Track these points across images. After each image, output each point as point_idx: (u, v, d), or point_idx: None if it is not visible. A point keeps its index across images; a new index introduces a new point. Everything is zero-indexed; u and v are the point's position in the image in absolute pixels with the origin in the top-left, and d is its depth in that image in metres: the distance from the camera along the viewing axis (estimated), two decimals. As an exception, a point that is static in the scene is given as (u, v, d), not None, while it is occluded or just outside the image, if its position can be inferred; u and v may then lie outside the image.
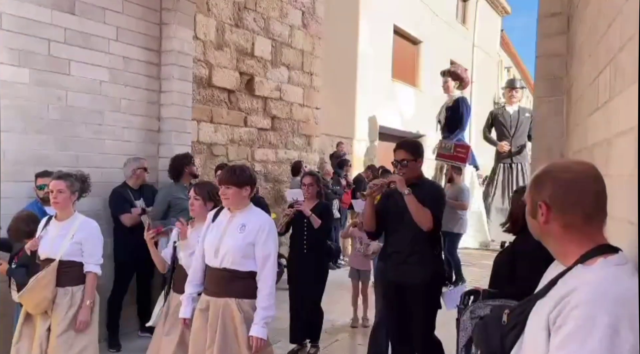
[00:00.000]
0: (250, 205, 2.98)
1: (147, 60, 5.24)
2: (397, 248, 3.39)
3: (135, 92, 5.14)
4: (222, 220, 2.95)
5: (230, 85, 6.92)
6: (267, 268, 2.82)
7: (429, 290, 3.33)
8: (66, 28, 4.51)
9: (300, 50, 8.28)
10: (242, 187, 2.88)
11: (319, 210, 4.52)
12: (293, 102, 8.17)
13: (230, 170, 2.95)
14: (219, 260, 2.84)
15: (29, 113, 4.28)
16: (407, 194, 3.17)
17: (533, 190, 1.31)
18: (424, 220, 3.19)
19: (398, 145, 3.43)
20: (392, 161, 3.43)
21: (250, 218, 2.90)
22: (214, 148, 6.76)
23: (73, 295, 3.24)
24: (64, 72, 4.52)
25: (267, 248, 2.83)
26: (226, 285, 2.82)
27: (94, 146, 4.79)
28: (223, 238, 2.86)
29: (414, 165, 3.36)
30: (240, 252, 2.81)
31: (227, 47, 6.85)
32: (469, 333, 2.53)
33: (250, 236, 2.82)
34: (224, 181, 2.88)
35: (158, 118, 5.40)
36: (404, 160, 3.33)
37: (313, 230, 4.44)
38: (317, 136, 8.94)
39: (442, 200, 3.47)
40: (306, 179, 4.66)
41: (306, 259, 4.48)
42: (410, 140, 3.73)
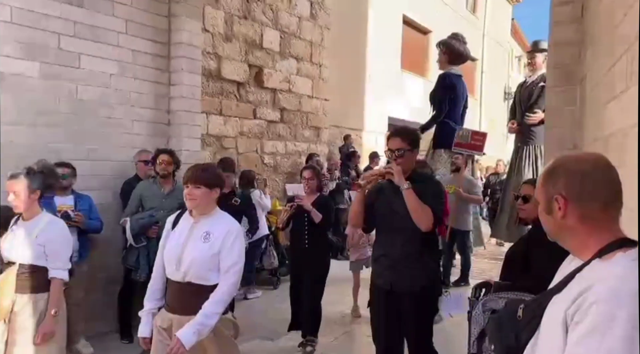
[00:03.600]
0: (216, 210, 2.63)
1: (156, 53, 5.24)
2: (387, 250, 3.03)
3: (144, 85, 5.14)
4: (184, 227, 2.60)
5: (239, 77, 6.91)
6: (229, 280, 2.50)
7: (424, 297, 3.01)
8: (75, 21, 4.51)
9: (309, 42, 8.23)
10: (213, 188, 2.55)
11: (319, 204, 4.39)
12: (302, 94, 8.14)
13: (200, 168, 2.62)
14: (181, 273, 2.51)
15: (39, 107, 4.30)
16: (406, 188, 2.85)
17: (546, 185, 1.28)
18: (424, 218, 2.85)
19: (393, 132, 3.10)
20: (385, 150, 3.09)
21: (215, 224, 2.56)
22: (223, 140, 6.76)
23: (36, 303, 2.88)
24: (74, 65, 4.53)
25: (232, 255, 2.51)
26: (191, 300, 2.48)
27: (104, 139, 4.81)
28: (185, 249, 2.52)
29: (411, 155, 2.99)
30: (205, 265, 2.49)
31: (235, 39, 6.82)
32: (481, 326, 2.52)
33: (215, 246, 2.50)
34: (193, 180, 2.51)
35: (167, 111, 5.40)
36: (400, 150, 2.95)
37: (314, 225, 4.33)
38: (326, 128, 8.91)
39: (443, 196, 3.14)
40: (306, 173, 4.52)
41: (307, 254, 4.39)
42: (406, 128, 3.31)
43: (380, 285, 3.08)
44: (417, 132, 3.21)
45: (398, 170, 2.87)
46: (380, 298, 3.10)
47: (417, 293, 2.96)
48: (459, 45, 6.53)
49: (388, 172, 2.91)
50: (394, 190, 2.94)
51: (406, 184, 2.85)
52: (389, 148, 3.01)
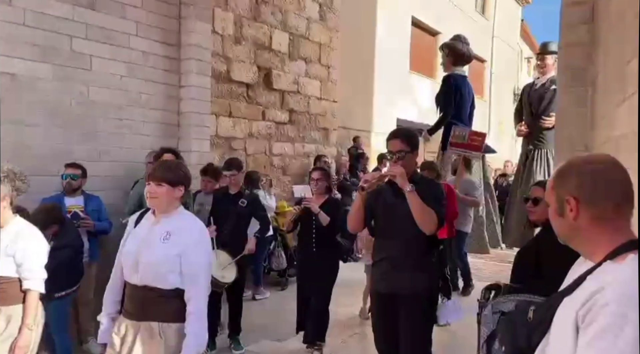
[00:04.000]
0: (179, 209, 2.45)
1: (166, 55, 5.28)
2: (387, 253, 2.97)
3: (154, 87, 5.18)
4: (144, 227, 2.44)
5: (248, 79, 6.94)
6: (198, 285, 2.33)
7: (424, 302, 2.95)
8: (87, 23, 4.57)
9: (318, 43, 8.24)
10: (176, 186, 2.37)
11: (328, 206, 4.29)
12: (310, 96, 8.15)
13: (164, 164, 2.49)
14: (138, 275, 2.33)
15: (52, 108, 4.35)
16: (409, 191, 2.77)
17: (557, 187, 1.28)
18: (428, 222, 2.80)
19: (392, 134, 3.02)
20: (385, 152, 3.04)
21: (177, 224, 2.38)
22: (232, 142, 6.79)
23: (9, 317, 2.72)
24: (86, 67, 4.59)
25: (197, 261, 2.33)
26: (148, 305, 2.31)
27: (115, 140, 4.85)
28: (143, 249, 2.34)
29: (411, 157, 2.95)
30: (163, 266, 2.30)
31: (245, 41, 6.85)
32: (491, 328, 2.50)
33: (176, 247, 2.31)
34: (156, 177, 2.34)
35: (177, 112, 5.44)
36: (401, 152, 2.89)
37: (322, 227, 4.22)
38: (335, 129, 8.92)
39: (444, 198, 3.06)
40: (314, 174, 4.43)
41: (315, 257, 4.29)
42: (405, 129, 3.25)
43: (381, 290, 3.02)
44: (416, 134, 3.14)
45: (402, 172, 2.79)
46: (380, 303, 3.05)
47: (416, 298, 2.90)
48: (462, 47, 6.54)
49: (390, 174, 2.82)
50: (395, 193, 2.88)
51: (410, 187, 2.78)
52: (389, 150, 2.96)
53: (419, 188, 2.81)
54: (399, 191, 2.83)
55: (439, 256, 3.28)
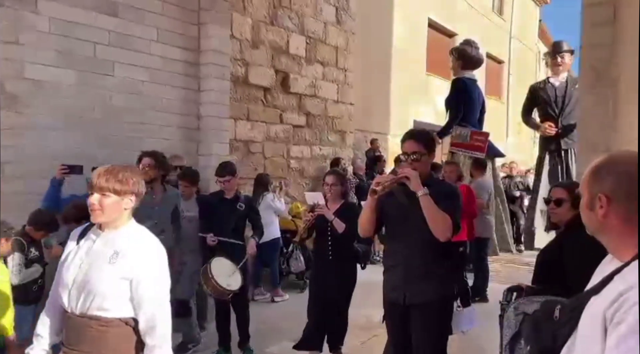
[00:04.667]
0: (129, 223, 2.08)
1: (186, 60, 5.36)
2: (399, 260, 2.83)
3: (174, 91, 5.27)
4: (88, 245, 2.06)
5: (266, 82, 7.00)
6: (159, 316, 1.98)
7: (438, 311, 2.80)
8: (110, 30, 4.67)
9: (335, 47, 8.28)
10: (124, 196, 2.00)
11: (344, 212, 4.08)
12: (327, 99, 8.19)
13: (109, 171, 2.02)
14: (80, 302, 1.96)
15: (75, 113, 4.45)
16: (423, 195, 2.63)
17: (592, 182, 1.28)
18: (442, 227, 2.65)
19: (408, 134, 2.88)
20: (400, 154, 2.90)
21: (127, 242, 2.01)
22: (250, 145, 6.85)
23: None
24: (108, 73, 4.69)
25: (151, 286, 1.98)
26: (92, 338, 1.96)
27: (135, 144, 4.93)
28: (86, 271, 1.98)
29: (427, 159, 2.82)
30: (111, 293, 1.94)
31: (262, 45, 6.91)
32: (514, 330, 2.49)
33: (125, 269, 1.95)
34: (99, 187, 1.96)
35: (197, 116, 5.52)
36: (416, 153, 2.76)
37: (337, 235, 4.02)
38: (352, 132, 8.94)
39: (460, 203, 2.92)
40: (329, 178, 4.19)
41: (331, 266, 4.08)
42: (421, 130, 3.10)
43: (393, 299, 2.88)
44: (432, 135, 3.01)
45: (415, 175, 2.66)
46: (393, 313, 2.91)
47: (431, 306, 2.76)
48: (471, 51, 6.61)
49: (404, 177, 2.68)
50: (408, 196, 2.74)
51: (423, 190, 2.64)
52: (403, 151, 2.84)
53: (434, 192, 2.67)
54: (412, 194, 2.70)
55: (460, 260, 3.22)
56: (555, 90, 5.28)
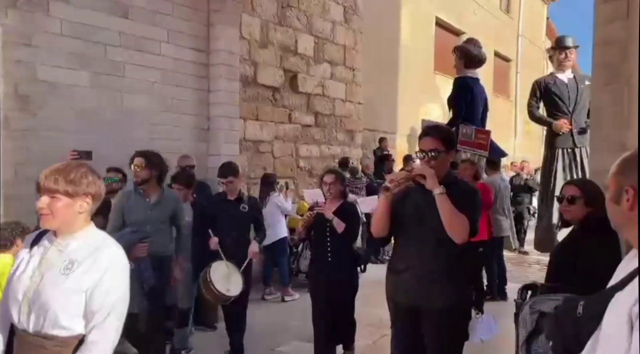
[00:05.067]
0: (86, 229, 1.87)
1: (196, 61, 5.39)
2: (412, 262, 2.67)
3: (185, 92, 5.30)
4: (40, 253, 1.86)
5: (274, 82, 7.01)
6: (104, 329, 1.77)
7: (454, 318, 2.65)
8: (121, 32, 4.70)
9: (342, 46, 8.29)
10: (77, 198, 1.80)
11: (343, 211, 3.95)
12: (336, 98, 8.19)
13: (59, 170, 1.80)
14: (32, 319, 1.77)
15: (87, 115, 4.49)
16: (439, 194, 2.50)
17: (619, 175, 1.28)
18: (459, 229, 2.52)
19: (425, 130, 2.74)
20: (417, 151, 2.74)
21: (83, 249, 1.82)
22: (259, 145, 6.87)
23: None
24: (120, 74, 4.72)
25: (106, 298, 1.77)
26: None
27: (148, 145, 4.91)
28: (39, 284, 1.78)
29: (445, 157, 2.67)
30: (65, 308, 1.76)
31: (271, 45, 6.93)
32: (530, 328, 2.49)
33: (80, 280, 1.76)
34: (47, 188, 1.77)
35: (207, 117, 5.54)
36: (434, 151, 2.61)
37: (337, 235, 3.88)
38: (360, 131, 8.94)
39: (480, 204, 2.81)
40: (327, 177, 4.04)
41: (330, 268, 3.93)
42: (440, 126, 3.00)
43: (402, 303, 2.72)
44: (452, 131, 2.90)
45: (431, 173, 2.53)
46: (401, 318, 2.76)
47: (445, 314, 2.61)
48: (474, 49, 6.61)
49: (419, 175, 2.55)
50: (423, 195, 2.60)
51: (440, 189, 2.51)
52: (421, 149, 2.68)
53: (451, 191, 2.53)
54: (428, 193, 2.56)
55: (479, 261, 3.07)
56: (567, 87, 5.18)
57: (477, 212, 2.68)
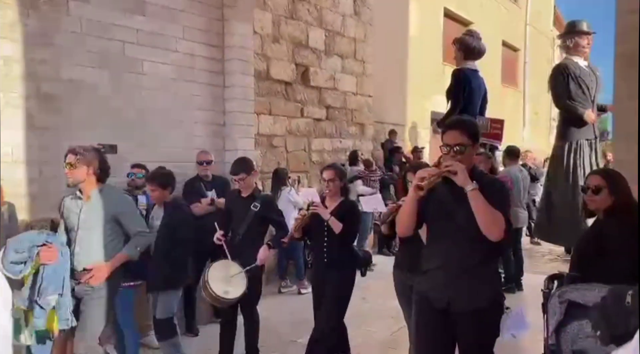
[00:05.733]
0: None
1: (211, 56, 5.42)
2: (442, 260, 2.59)
3: (201, 88, 5.33)
4: None
5: (287, 77, 7.03)
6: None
7: (489, 316, 2.58)
8: (138, 29, 4.73)
9: (353, 38, 8.28)
10: None
11: (342, 210, 3.75)
12: (346, 91, 8.20)
13: None
14: None
15: (108, 113, 4.54)
16: (472, 190, 2.41)
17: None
18: (496, 226, 2.42)
19: (450, 124, 2.65)
20: (441, 145, 2.64)
21: None
22: (273, 139, 6.90)
23: None
24: (138, 71, 4.75)
25: None
26: None
27: (167, 140, 5.01)
28: None
29: (472, 151, 2.59)
30: None
31: (283, 40, 6.94)
32: (559, 317, 2.53)
33: None
34: None
35: (223, 112, 5.57)
36: (460, 145, 2.53)
37: (334, 236, 3.66)
38: (371, 124, 8.95)
39: (509, 199, 2.73)
40: (326, 173, 3.82)
41: (327, 271, 3.75)
42: (466, 119, 2.86)
43: (433, 303, 2.62)
44: (477, 124, 2.77)
45: (463, 169, 2.44)
46: (431, 318, 2.65)
47: (480, 313, 2.53)
48: (473, 41, 6.56)
49: (449, 171, 2.46)
50: (452, 192, 2.53)
51: (472, 185, 2.42)
52: (445, 143, 2.59)
53: (481, 187, 2.44)
54: (456, 190, 2.48)
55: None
56: (588, 75, 5.00)
57: (509, 209, 2.61)
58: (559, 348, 2.52)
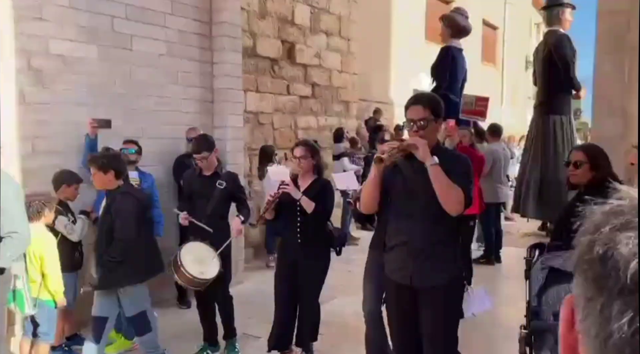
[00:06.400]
0: None
1: (200, 32, 5.40)
2: (405, 238, 2.58)
3: (190, 64, 5.32)
4: None
5: (273, 53, 7.04)
6: None
7: (450, 295, 2.59)
8: (127, 4, 4.69)
9: (338, 16, 8.29)
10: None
11: (315, 189, 3.60)
12: (332, 69, 8.25)
13: None
14: None
15: (97, 88, 4.52)
16: (432, 165, 2.40)
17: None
18: (454, 200, 2.42)
19: (413, 99, 2.62)
20: (404, 121, 2.65)
21: None
22: (260, 116, 6.94)
23: None
24: (127, 47, 4.73)
25: None
26: None
27: (156, 117, 5.03)
28: None
29: (434, 126, 2.58)
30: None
31: (269, 16, 6.93)
32: (541, 282, 2.71)
33: None
34: None
35: (211, 89, 5.58)
36: (423, 120, 2.52)
37: (308, 215, 3.51)
38: (355, 102, 9.04)
39: (472, 174, 2.69)
40: (297, 150, 3.64)
41: (300, 250, 3.60)
42: (427, 93, 2.86)
43: (398, 280, 2.65)
44: (439, 99, 2.72)
45: (424, 143, 2.42)
46: (395, 295, 2.71)
47: (442, 289, 2.55)
48: (462, 20, 6.61)
49: (410, 145, 2.45)
50: (413, 167, 2.53)
51: (433, 160, 2.41)
52: (408, 118, 2.57)
53: (443, 162, 2.44)
54: (419, 166, 2.48)
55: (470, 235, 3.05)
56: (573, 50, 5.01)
57: (470, 182, 2.61)
58: (540, 310, 2.71)
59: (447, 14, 6.87)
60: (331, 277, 3.90)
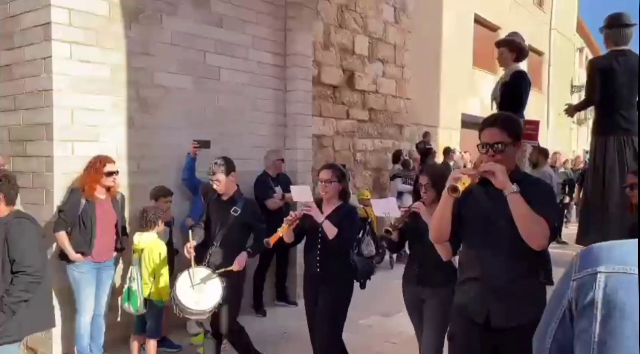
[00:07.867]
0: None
1: (276, 63, 5.92)
2: (481, 272, 2.34)
3: (267, 92, 5.84)
4: None
5: (335, 81, 7.53)
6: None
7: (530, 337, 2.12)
8: (216, 39, 5.25)
9: (393, 45, 8.75)
10: None
11: (339, 216, 3.35)
12: (387, 94, 8.67)
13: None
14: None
15: (192, 114, 5.06)
16: (512, 193, 2.15)
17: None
18: (538, 233, 2.15)
19: (489, 121, 2.39)
20: (479, 144, 2.36)
21: None
22: (322, 139, 7.39)
23: None
24: (215, 77, 5.28)
25: None
26: None
27: (238, 140, 5.53)
28: None
29: (512, 151, 2.32)
30: None
31: (332, 47, 7.44)
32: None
33: None
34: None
35: (284, 114, 6.07)
36: (500, 143, 2.27)
37: (328, 242, 3.28)
38: (408, 125, 9.41)
39: (556, 203, 2.56)
40: (323, 174, 3.40)
41: (319, 281, 3.38)
42: (506, 115, 2.61)
43: (472, 317, 2.38)
44: (517, 119, 2.55)
45: (502, 169, 2.18)
46: (470, 334, 2.40)
47: (524, 329, 2.28)
48: (522, 42, 6.78)
49: (487, 172, 2.20)
50: (489, 195, 2.30)
51: (513, 187, 2.16)
52: (484, 142, 2.33)
53: (524, 190, 2.19)
54: (495, 193, 2.23)
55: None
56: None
57: (556, 213, 2.54)
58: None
59: (510, 39, 6.97)
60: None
